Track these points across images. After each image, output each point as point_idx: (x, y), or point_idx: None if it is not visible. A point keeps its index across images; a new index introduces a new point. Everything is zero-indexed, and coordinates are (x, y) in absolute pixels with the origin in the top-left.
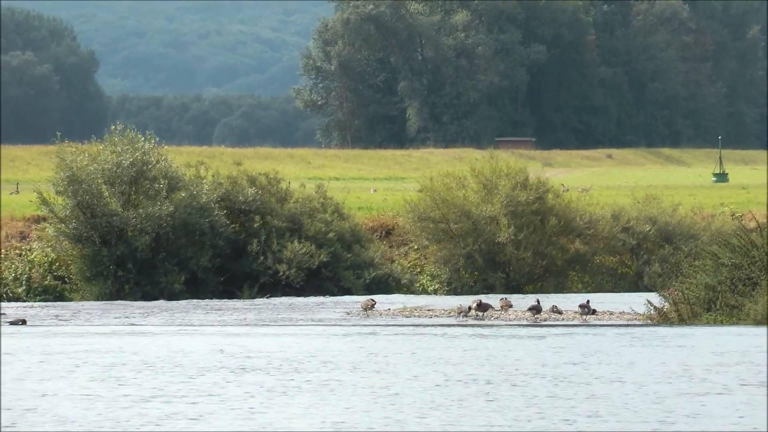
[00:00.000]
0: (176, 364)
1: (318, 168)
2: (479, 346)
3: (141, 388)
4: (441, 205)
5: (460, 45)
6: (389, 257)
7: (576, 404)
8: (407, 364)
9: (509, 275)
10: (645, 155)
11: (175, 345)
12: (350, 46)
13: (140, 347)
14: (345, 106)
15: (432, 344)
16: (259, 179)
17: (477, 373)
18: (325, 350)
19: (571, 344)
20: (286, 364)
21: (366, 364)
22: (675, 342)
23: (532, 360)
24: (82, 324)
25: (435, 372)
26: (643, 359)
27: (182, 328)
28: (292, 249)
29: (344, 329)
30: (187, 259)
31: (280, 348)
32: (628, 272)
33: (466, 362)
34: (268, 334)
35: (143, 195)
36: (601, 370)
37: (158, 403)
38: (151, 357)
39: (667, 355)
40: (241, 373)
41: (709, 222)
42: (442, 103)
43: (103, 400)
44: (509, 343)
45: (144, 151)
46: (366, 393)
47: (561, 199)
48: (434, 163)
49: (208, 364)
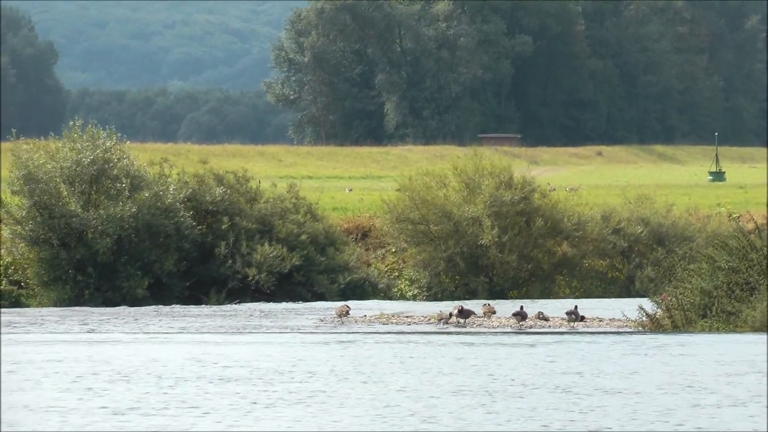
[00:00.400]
0: (152, 374)
1: (290, 166)
2: (468, 355)
3: (117, 399)
4: (420, 205)
5: (441, 36)
6: (365, 261)
7: (582, 417)
8: (395, 374)
9: (492, 280)
10: (637, 152)
11: (147, 354)
12: (325, 37)
13: (110, 356)
14: (319, 101)
15: (417, 353)
16: (227, 178)
17: (471, 383)
18: (306, 359)
19: (565, 353)
20: (268, 374)
21: (352, 375)
22: (675, 350)
23: (528, 370)
24: (42, 332)
25: (429, 383)
26: (644, 369)
27: (153, 336)
28: (263, 252)
29: (323, 337)
30: (150, 263)
31: (257, 357)
32: (618, 276)
33: (458, 372)
34: (243, 342)
35: (104, 195)
36: (602, 380)
37: (136, 416)
38: (123, 367)
39: (671, 365)
40: (221, 384)
41: (705, 223)
42: (422, 97)
43: (77, 413)
44: (500, 351)
45: (105, 149)
46: (359, 405)
47: (548, 199)
48: (413, 161)
49: (186, 374)
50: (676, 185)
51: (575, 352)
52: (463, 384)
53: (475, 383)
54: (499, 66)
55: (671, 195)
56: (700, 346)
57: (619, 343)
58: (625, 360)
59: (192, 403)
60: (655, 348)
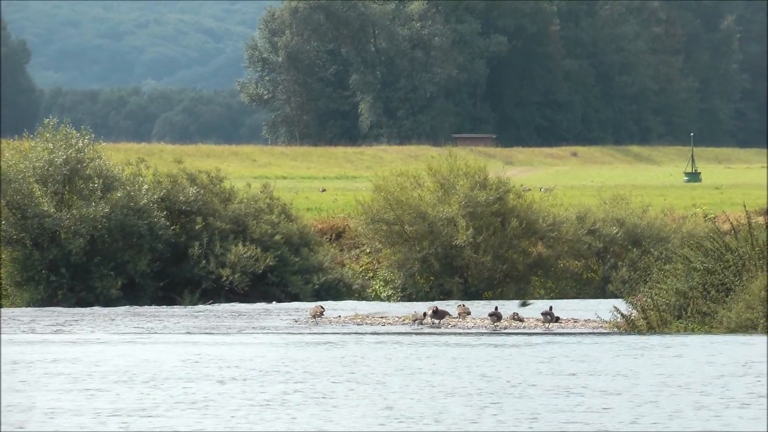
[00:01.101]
0: (124, 374)
1: (264, 166)
2: (458, 356)
3: (114, 400)
4: (395, 206)
5: (415, 36)
6: (340, 261)
7: (585, 418)
8: (386, 374)
9: (467, 280)
10: (612, 153)
11: (119, 354)
12: (299, 36)
13: (82, 356)
14: (293, 101)
15: (400, 354)
16: (201, 178)
17: (465, 384)
18: (295, 360)
19: (550, 353)
20: (260, 374)
21: (344, 375)
22: (659, 352)
23: (518, 371)
24: (14, 332)
25: (426, 384)
26: (636, 370)
27: (136, 337)
28: (236, 252)
29: (299, 337)
30: (124, 263)
31: (241, 357)
32: (593, 277)
33: (451, 373)
34: (217, 343)
35: (77, 195)
36: (598, 381)
37: (138, 418)
38: (113, 368)
39: (664, 366)
40: (195, 384)
41: (681, 224)
42: (397, 97)
43: (78, 415)
44: (486, 352)
45: (78, 148)
46: (362, 406)
47: (523, 200)
48: (388, 161)
49: (159, 374)
50: (652, 186)
51: (561, 352)
52: (459, 385)
53: (469, 384)
54: (473, 66)
55: (647, 196)
56: (674, 348)
57: (604, 343)
58: (616, 361)
59: (163, 404)
60: (640, 348)
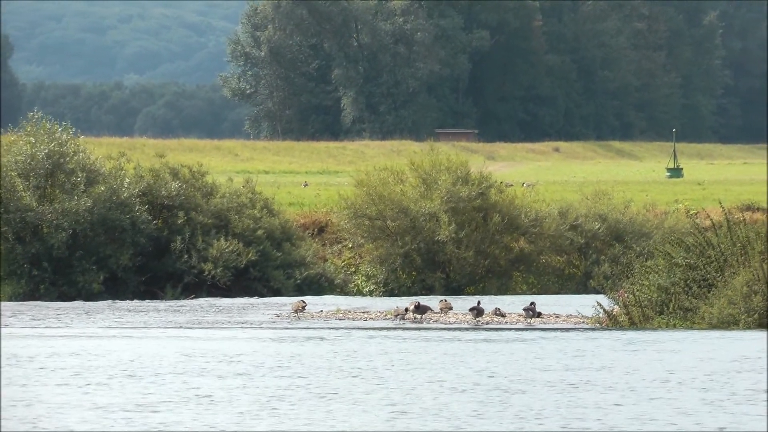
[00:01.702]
0: (105, 368)
1: (246, 161)
2: (449, 351)
3: (119, 395)
4: (377, 201)
5: (398, 31)
6: (322, 256)
7: (597, 413)
8: (386, 369)
9: (449, 276)
10: (594, 148)
11: (101, 348)
12: (281, 31)
13: (65, 350)
14: (275, 96)
15: (392, 348)
16: (183, 172)
17: (465, 378)
18: (292, 354)
19: (540, 348)
20: (262, 369)
21: (343, 370)
22: (654, 347)
23: (515, 366)
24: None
25: (430, 379)
26: (637, 365)
27: (122, 331)
28: (219, 247)
29: (280, 332)
30: (106, 258)
31: (213, 352)
32: (575, 273)
33: (448, 368)
34: (199, 338)
35: (60, 189)
36: (601, 375)
37: (148, 413)
38: (77, 361)
39: (665, 362)
40: (176, 378)
41: (663, 220)
42: (379, 92)
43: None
44: (480, 347)
45: (60, 142)
46: (367, 401)
47: (505, 195)
48: (370, 156)
49: (140, 369)
50: (634, 181)
51: (553, 347)
52: (461, 379)
53: (467, 379)
54: (456, 61)
55: (629, 191)
56: (661, 344)
57: (596, 338)
58: (614, 356)
59: (145, 399)
60: (635, 343)
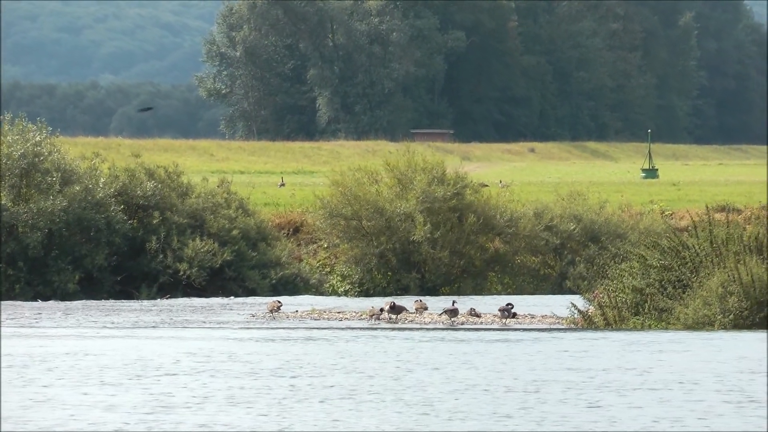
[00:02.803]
0: (81, 369)
1: (222, 161)
2: (445, 351)
3: (44, 391)
4: (353, 201)
5: (373, 31)
6: (297, 256)
7: (564, 410)
8: (377, 368)
9: (424, 276)
10: (570, 149)
11: (76, 348)
12: (257, 31)
13: (40, 351)
14: (251, 96)
15: (380, 348)
16: (158, 172)
17: (468, 379)
18: (267, 354)
19: (528, 349)
20: (235, 368)
21: (337, 369)
22: (630, 348)
23: (512, 367)
24: None
25: (434, 378)
26: (609, 365)
27: (98, 331)
28: (194, 247)
29: (255, 332)
30: (81, 258)
31: (188, 352)
32: (550, 273)
33: (446, 366)
34: (174, 337)
35: (35, 189)
36: (609, 376)
37: (161, 414)
38: (54, 361)
39: (640, 362)
40: (151, 379)
41: (638, 220)
42: (355, 92)
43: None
44: (473, 346)
45: (35, 142)
46: (372, 399)
47: (480, 196)
48: (345, 156)
49: (113, 369)
50: (609, 182)
51: (543, 348)
52: (465, 379)
53: (469, 379)
54: (431, 62)
55: (604, 192)
56: (627, 344)
57: (583, 339)
58: (616, 356)
59: (117, 399)
60: (626, 343)
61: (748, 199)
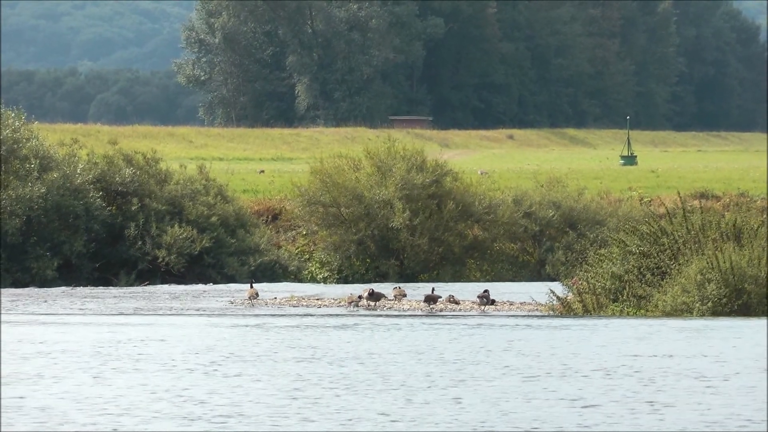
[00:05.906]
0: (57, 355)
1: (200, 147)
2: (428, 338)
3: (21, 378)
4: (332, 188)
5: (352, 17)
6: (276, 243)
7: (592, 398)
8: (355, 355)
9: (403, 263)
10: (548, 136)
11: (53, 335)
12: (235, 17)
13: (16, 337)
14: (230, 82)
15: (358, 335)
16: (137, 159)
17: (455, 364)
18: (245, 342)
19: (522, 335)
20: (214, 355)
21: (315, 356)
22: (604, 334)
23: (514, 352)
24: None
25: (435, 365)
26: (585, 352)
27: (80, 318)
28: (172, 234)
29: (234, 319)
30: (60, 244)
31: (168, 339)
32: (529, 260)
33: (425, 353)
34: (152, 324)
35: (13, 175)
36: (618, 361)
37: (97, 400)
38: (29, 348)
39: (613, 348)
40: (131, 365)
41: (616, 207)
42: (333, 79)
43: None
44: (452, 333)
45: (14, 129)
46: (375, 388)
47: (459, 183)
48: (325, 142)
49: (94, 355)
50: (588, 169)
51: (536, 334)
52: (458, 365)
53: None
54: (410, 48)
55: (583, 179)
56: (603, 330)
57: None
58: (619, 342)
59: (96, 388)
60: (626, 329)
61: (726, 186)
